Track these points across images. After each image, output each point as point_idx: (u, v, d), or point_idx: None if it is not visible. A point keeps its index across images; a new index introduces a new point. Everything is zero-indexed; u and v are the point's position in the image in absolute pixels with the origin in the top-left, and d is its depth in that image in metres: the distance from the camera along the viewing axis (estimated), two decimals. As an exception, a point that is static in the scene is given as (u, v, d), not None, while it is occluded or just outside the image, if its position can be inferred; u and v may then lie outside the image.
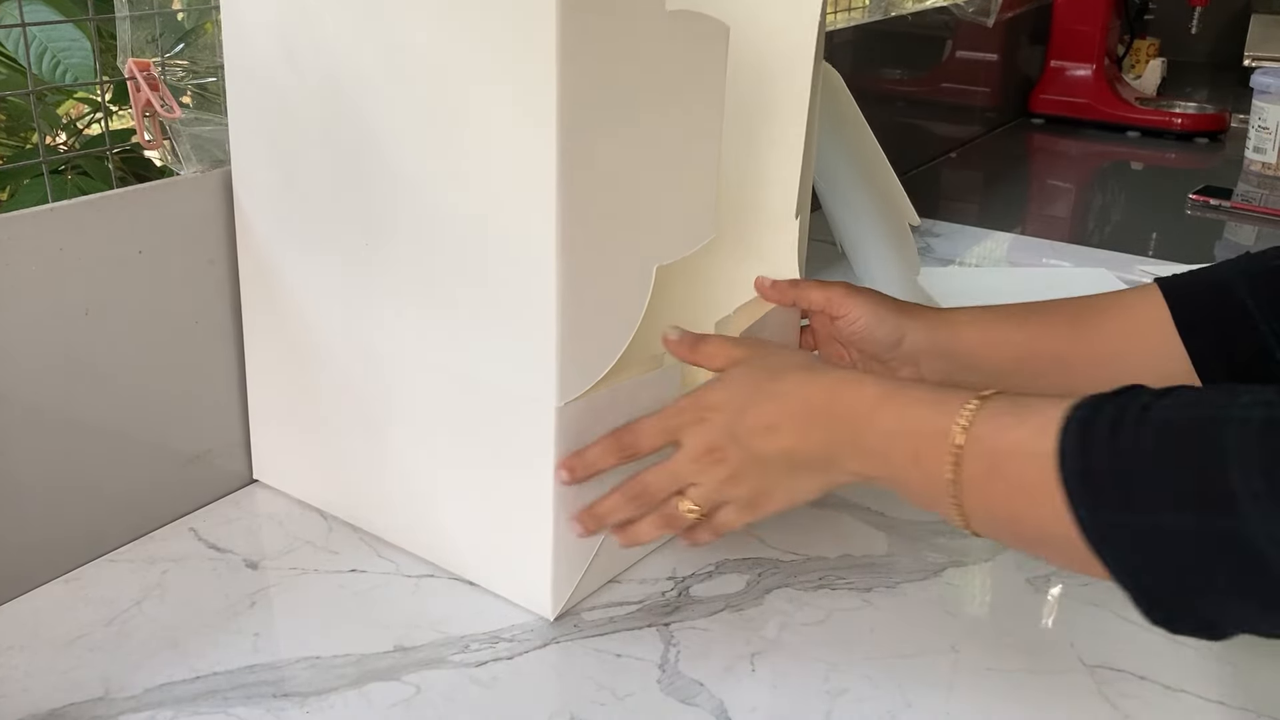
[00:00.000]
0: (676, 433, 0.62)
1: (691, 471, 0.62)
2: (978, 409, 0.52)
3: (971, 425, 0.52)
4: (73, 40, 0.77)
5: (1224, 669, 0.64)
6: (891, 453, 0.56)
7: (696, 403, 0.62)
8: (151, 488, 0.74)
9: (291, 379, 0.75)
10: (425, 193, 0.63)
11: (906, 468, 0.55)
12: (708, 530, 0.64)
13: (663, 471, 0.63)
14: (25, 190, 0.86)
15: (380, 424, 0.71)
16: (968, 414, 0.52)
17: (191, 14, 0.82)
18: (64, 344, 0.67)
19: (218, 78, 0.78)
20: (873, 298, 0.74)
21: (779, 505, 0.62)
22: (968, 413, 0.52)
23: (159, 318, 0.72)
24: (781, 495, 0.61)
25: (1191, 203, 1.55)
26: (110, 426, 0.71)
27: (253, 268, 0.74)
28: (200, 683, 0.61)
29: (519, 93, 0.57)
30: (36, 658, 0.63)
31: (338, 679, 0.61)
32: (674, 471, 0.62)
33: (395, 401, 0.69)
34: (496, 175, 0.59)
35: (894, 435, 0.55)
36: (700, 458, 0.61)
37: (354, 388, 0.71)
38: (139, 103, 0.73)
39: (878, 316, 0.73)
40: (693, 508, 0.62)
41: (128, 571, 0.70)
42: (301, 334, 0.73)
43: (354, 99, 0.64)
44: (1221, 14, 2.39)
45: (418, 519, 0.71)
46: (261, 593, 0.69)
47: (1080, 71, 2.03)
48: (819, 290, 0.75)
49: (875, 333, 0.73)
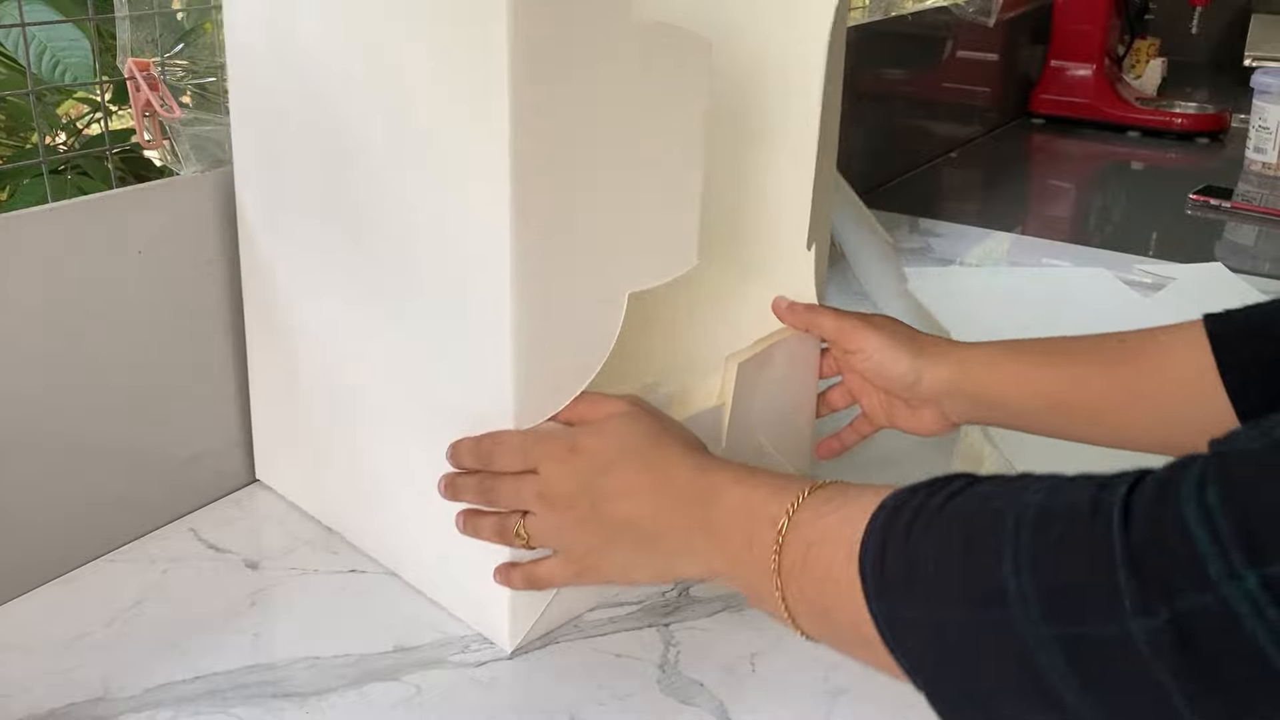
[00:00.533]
0: (536, 460, 0.58)
1: (535, 503, 0.58)
2: (808, 495, 0.51)
3: (796, 511, 0.50)
4: (72, 40, 0.77)
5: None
6: (730, 534, 0.53)
7: (567, 439, 0.58)
8: (151, 488, 0.74)
9: (285, 381, 0.75)
10: (391, 204, 0.62)
11: (741, 553, 0.52)
12: (521, 574, 0.61)
13: (510, 485, 0.59)
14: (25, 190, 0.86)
15: (356, 432, 0.70)
16: (798, 499, 0.51)
17: (191, 14, 0.82)
18: (64, 344, 0.67)
19: (217, 78, 0.78)
20: (888, 332, 0.71)
21: (609, 577, 0.59)
22: (798, 498, 0.51)
23: (158, 318, 0.72)
24: (614, 567, 0.58)
25: (1192, 203, 1.55)
26: (110, 426, 0.71)
27: (251, 267, 0.74)
28: (200, 683, 0.61)
29: (472, 104, 0.54)
30: (36, 658, 0.63)
31: (337, 679, 0.61)
32: (519, 492, 0.59)
33: (370, 413, 0.68)
34: (452, 191, 0.58)
35: (734, 515, 0.53)
36: (548, 496, 0.58)
37: (335, 395, 0.71)
38: (139, 103, 0.73)
39: (892, 353, 0.70)
40: (523, 534, 0.59)
41: (128, 571, 0.70)
42: (291, 336, 0.73)
43: (331, 104, 0.64)
44: (1221, 14, 2.39)
45: (389, 534, 0.70)
46: (261, 593, 0.69)
47: (1080, 71, 2.03)
48: (832, 319, 0.72)
49: (889, 370, 0.70)
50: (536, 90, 0.53)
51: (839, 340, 0.72)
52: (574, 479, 0.57)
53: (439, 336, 0.61)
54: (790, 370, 0.74)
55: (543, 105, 0.54)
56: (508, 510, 0.60)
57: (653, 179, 0.60)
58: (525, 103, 0.53)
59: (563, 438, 0.59)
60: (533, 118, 0.53)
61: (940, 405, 0.71)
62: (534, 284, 0.57)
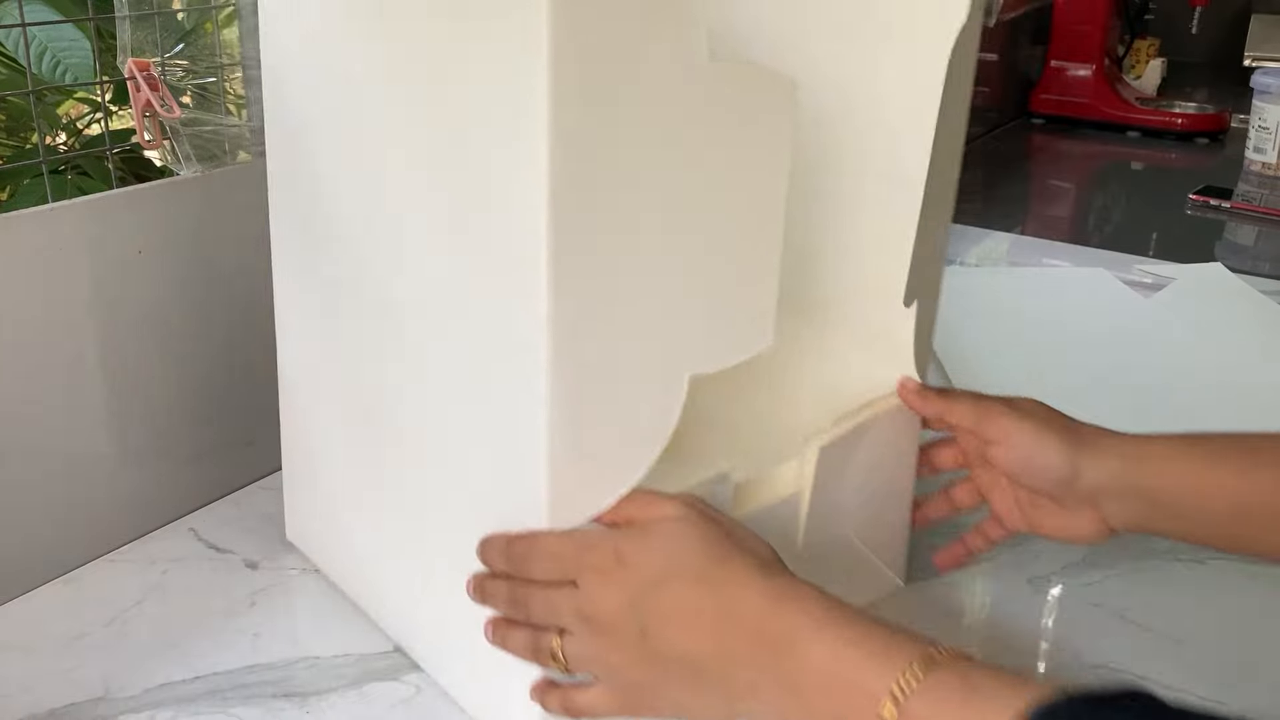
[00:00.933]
0: (575, 570, 0.49)
1: (573, 621, 0.49)
2: (923, 677, 0.42)
3: (908, 699, 0.42)
4: (72, 40, 0.77)
5: (1225, 672, 0.64)
6: (814, 700, 0.45)
7: (611, 547, 0.49)
8: (151, 487, 0.74)
9: (313, 446, 0.68)
10: (414, 262, 0.54)
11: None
12: (559, 699, 0.52)
13: (545, 597, 0.50)
14: (25, 190, 0.86)
15: (383, 510, 0.62)
16: (908, 681, 0.42)
17: (191, 14, 0.82)
18: (63, 344, 0.67)
19: (218, 78, 0.78)
20: (1038, 421, 0.61)
21: (661, 714, 0.49)
22: (909, 680, 0.42)
23: (158, 317, 0.72)
24: (667, 706, 0.49)
25: (1192, 203, 1.55)
26: (110, 426, 0.71)
27: (284, 349, 0.68)
28: (200, 683, 0.61)
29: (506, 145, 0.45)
30: (37, 657, 0.63)
31: (337, 679, 0.61)
32: (555, 606, 0.50)
33: (396, 489, 0.60)
34: (479, 252, 0.49)
35: (820, 678, 0.44)
36: (589, 615, 0.49)
37: (361, 465, 0.63)
38: (139, 103, 0.73)
39: (1041, 444, 0.60)
40: (560, 657, 0.50)
41: (128, 571, 0.70)
42: (316, 400, 0.65)
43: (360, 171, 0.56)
44: (1221, 14, 2.39)
45: (410, 622, 0.63)
46: (262, 592, 0.69)
47: (1080, 71, 2.02)
48: (970, 406, 0.62)
49: (1040, 464, 0.60)
50: (581, 132, 0.44)
51: (979, 429, 0.62)
52: (619, 596, 0.48)
53: (469, 413, 0.53)
54: (884, 453, 0.63)
55: (588, 149, 0.45)
56: (540, 624, 0.51)
57: (722, 242, 0.50)
58: (567, 145, 0.44)
59: (607, 545, 0.49)
60: (576, 163, 0.44)
61: (1099, 506, 0.61)
62: (574, 361, 0.47)
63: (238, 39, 0.79)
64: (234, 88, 0.81)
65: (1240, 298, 1.20)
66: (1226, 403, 0.96)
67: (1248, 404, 0.96)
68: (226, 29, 0.83)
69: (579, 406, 0.48)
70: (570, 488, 0.50)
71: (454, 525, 0.55)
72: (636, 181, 0.46)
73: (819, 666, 0.44)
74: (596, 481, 0.51)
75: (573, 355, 0.47)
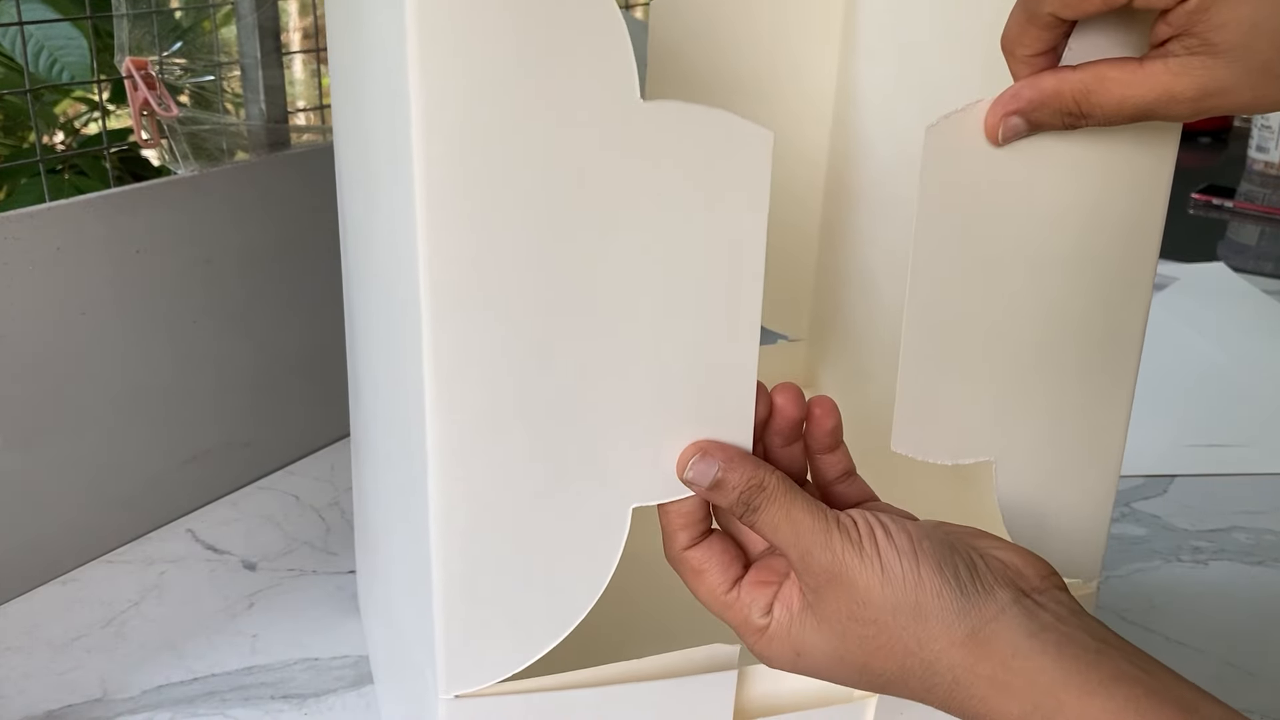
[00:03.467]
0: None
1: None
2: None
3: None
4: (70, 39, 0.77)
5: (1225, 670, 0.64)
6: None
7: (771, 641, 0.40)
8: (149, 488, 0.74)
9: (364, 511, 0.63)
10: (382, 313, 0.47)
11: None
12: None
13: None
14: (22, 189, 0.86)
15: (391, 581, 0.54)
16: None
17: (189, 13, 0.82)
18: (61, 343, 0.67)
19: (215, 76, 0.78)
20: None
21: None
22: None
23: (156, 317, 0.72)
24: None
25: (1194, 202, 1.55)
26: (107, 427, 0.70)
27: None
28: (198, 684, 0.61)
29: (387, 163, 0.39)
30: (34, 659, 0.62)
31: (336, 680, 0.61)
32: None
33: (391, 572, 0.53)
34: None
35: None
36: None
37: (380, 545, 0.56)
38: (136, 102, 0.73)
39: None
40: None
41: (125, 573, 0.70)
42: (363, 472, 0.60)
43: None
44: (1224, 12, 2.39)
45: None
46: (260, 594, 0.69)
47: (1082, 70, 2.02)
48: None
49: None
50: (450, 194, 0.35)
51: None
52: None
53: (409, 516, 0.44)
54: None
55: (466, 217, 0.35)
56: None
57: (674, 340, 0.39)
58: (439, 212, 0.35)
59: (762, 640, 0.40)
60: (452, 235, 0.35)
61: None
62: (470, 490, 0.39)
63: (235, 37, 0.79)
64: (232, 86, 0.81)
65: (1243, 297, 1.20)
66: (1228, 402, 0.96)
67: (1249, 404, 0.96)
68: (224, 27, 0.83)
69: (478, 539, 0.40)
70: (470, 643, 0.41)
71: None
72: (541, 248, 0.37)
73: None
74: (507, 635, 0.41)
75: (468, 477, 0.39)
